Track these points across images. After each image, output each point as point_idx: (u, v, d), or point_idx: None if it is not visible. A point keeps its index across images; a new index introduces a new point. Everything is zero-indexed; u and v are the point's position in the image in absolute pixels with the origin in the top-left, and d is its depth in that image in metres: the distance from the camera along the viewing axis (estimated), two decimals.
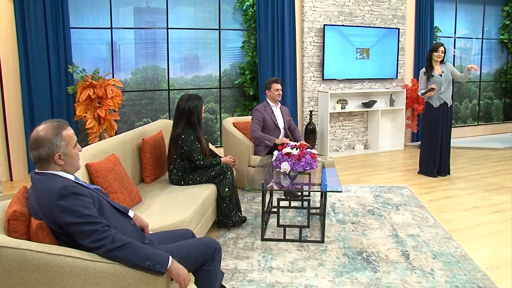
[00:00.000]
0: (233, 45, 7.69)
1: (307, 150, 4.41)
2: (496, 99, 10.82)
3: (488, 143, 9.32)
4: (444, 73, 6.29)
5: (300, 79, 8.00)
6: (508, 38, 10.59)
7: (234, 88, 7.77)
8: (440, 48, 6.23)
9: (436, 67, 6.31)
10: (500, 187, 6.00)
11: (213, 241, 2.65)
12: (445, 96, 6.30)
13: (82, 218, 2.16)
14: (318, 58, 8.00)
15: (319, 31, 7.94)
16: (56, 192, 2.17)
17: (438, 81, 6.24)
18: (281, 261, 3.76)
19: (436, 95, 6.29)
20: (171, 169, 4.38)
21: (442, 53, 6.22)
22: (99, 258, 2.19)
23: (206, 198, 4.02)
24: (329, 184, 4.10)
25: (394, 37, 8.54)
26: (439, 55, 6.22)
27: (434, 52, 6.27)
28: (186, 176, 4.35)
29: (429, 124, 6.38)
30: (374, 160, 7.75)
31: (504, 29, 10.60)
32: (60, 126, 2.30)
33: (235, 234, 4.33)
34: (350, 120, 8.58)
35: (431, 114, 6.36)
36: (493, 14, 10.48)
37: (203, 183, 4.35)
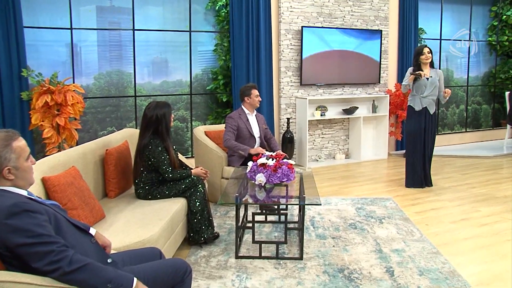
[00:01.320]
0: (204, 48, 7.70)
1: (284, 161, 4.43)
2: (485, 104, 11.04)
3: (477, 151, 9.49)
4: (432, 77, 6.39)
5: (277, 85, 8.05)
6: (497, 40, 10.84)
7: (206, 95, 7.77)
8: (425, 50, 6.35)
9: (425, 70, 6.41)
10: (490, 198, 6.11)
11: (183, 262, 2.64)
12: (427, 101, 6.40)
13: (35, 238, 2.09)
14: (295, 62, 8.06)
15: (297, 33, 8.01)
16: (5, 210, 2.11)
17: (422, 84, 6.34)
18: (257, 280, 3.76)
19: (418, 98, 6.39)
20: (138, 182, 4.35)
21: (428, 53, 6.34)
22: (55, 282, 2.12)
23: (175, 213, 4.01)
24: (308, 196, 4.12)
25: (376, 39, 8.68)
26: (427, 56, 6.34)
27: (420, 55, 6.37)
28: (154, 189, 4.33)
29: (412, 129, 6.46)
30: (356, 170, 7.82)
31: (492, 30, 10.84)
32: (9, 136, 2.26)
33: (207, 251, 4.31)
34: (330, 128, 8.65)
35: (413, 119, 6.44)
36: (480, 15, 10.71)
37: (172, 197, 4.34)
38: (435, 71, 6.46)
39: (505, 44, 10.88)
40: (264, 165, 4.35)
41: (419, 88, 6.36)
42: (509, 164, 8.34)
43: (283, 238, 4.58)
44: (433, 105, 6.42)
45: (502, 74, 10.94)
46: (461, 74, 10.62)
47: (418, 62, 6.39)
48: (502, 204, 5.83)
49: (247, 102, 5.80)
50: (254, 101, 5.79)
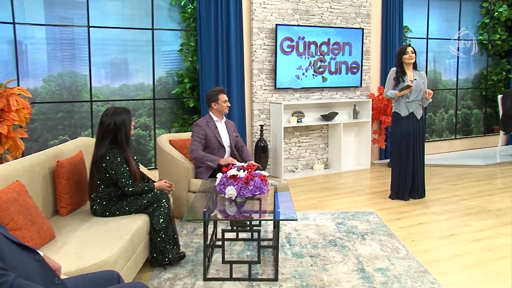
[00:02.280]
0: (169, 48, 7.69)
1: (257, 172, 4.44)
2: (476, 109, 11.24)
3: (468, 159, 9.65)
4: (417, 80, 6.49)
5: (249, 88, 8.08)
6: (488, 39, 11.06)
7: (170, 99, 7.75)
8: (409, 49, 6.45)
9: (408, 72, 6.51)
10: (482, 211, 6.21)
11: (145, 287, 2.62)
12: (413, 106, 6.50)
13: None
14: (269, 63, 8.10)
15: (271, 31, 8.06)
16: None
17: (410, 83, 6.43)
18: None
19: (404, 103, 6.48)
20: (93, 197, 4.31)
21: (412, 53, 6.45)
22: None
23: (136, 231, 3.98)
24: (283, 211, 4.12)
25: (357, 38, 8.78)
26: (410, 56, 6.44)
27: (403, 55, 6.47)
28: (112, 205, 4.30)
29: (398, 137, 6.55)
30: (336, 182, 7.87)
31: (483, 28, 11.06)
32: None
33: (172, 274, 4.29)
34: (307, 135, 8.70)
35: (399, 126, 6.53)
36: (470, 12, 10.93)
37: (132, 213, 4.31)
38: (419, 73, 6.57)
39: (497, 43, 11.10)
40: (235, 177, 4.36)
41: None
42: (503, 173, 8.50)
43: (256, 257, 4.56)
44: (420, 109, 6.53)
45: (494, 75, 11.17)
46: (450, 76, 10.80)
47: (401, 62, 6.49)
48: (495, 217, 5.93)
49: (215, 108, 5.82)
50: (222, 107, 5.81)
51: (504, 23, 11.14)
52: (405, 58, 6.46)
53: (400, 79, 6.46)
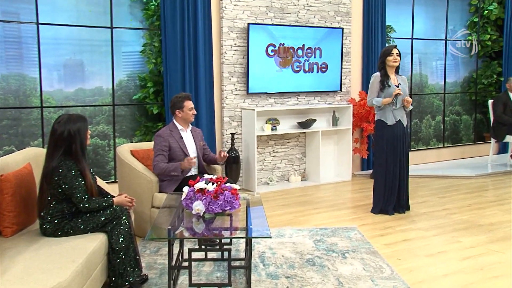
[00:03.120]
0: (130, 49, 7.66)
1: (227, 185, 4.44)
2: (465, 115, 11.38)
3: (457, 170, 9.75)
4: (402, 85, 6.56)
5: (219, 93, 8.07)
6: (478, 39, 11.21)
7: (132, 105, 7.71)
8: (394, 51, 6.51)
9: (391, 76, 6.56)
10: (472, 226, 6.26)
11: None
12: (400, 113, 6.56)
13: None
14: (241, 66, 8.11)
15: (242, 31, 8.07)
16: None
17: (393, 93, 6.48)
18: None
19: (390, 110, 6.52)
20: (44, 215, 4.25)
21: (397, 55, 6.50)
22: None
23: (92, 252, 3.94)
24: (256, 228, 4.13)
25: (337, 39, 8.83)
26: (395, 58, 6.49)
27: (387, 56, 6.52)
28: (65, 224, 4.24)
29: (383, 147, 6.60)
30: (314, 195, 7.89)
31: (472, 27, 11.22)
32: None
33: None
34: (283, 144, 8.71)
35: (384, 135, 6.58)
36: (458, 10, 11.10)
37: (89, 232, 4.26)
38: (401, 77, 6.64)
39: (488, 44, 11.27)
40: (203, 190, 4.34)
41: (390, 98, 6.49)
42: (495, 185, 8.61)
43: (226, 279, 4.54)
44: (405, 117, 6.60)
45: (485, 79, 11.32)
46: (437, 80, 10.93)
47: (384, 64, 6.54)
48: (487, 233, 5.98)
49: (179, 116, 5.81)
50: (187, 115, 5.80)
51: (495, 22, 11.32)
52: (389, 60, 6.51)
53: (385, 83, 6.51)
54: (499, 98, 9.75)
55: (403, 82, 6.60)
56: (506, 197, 7.68)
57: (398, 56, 6.53)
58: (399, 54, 6.56)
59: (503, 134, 9.67)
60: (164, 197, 5.46)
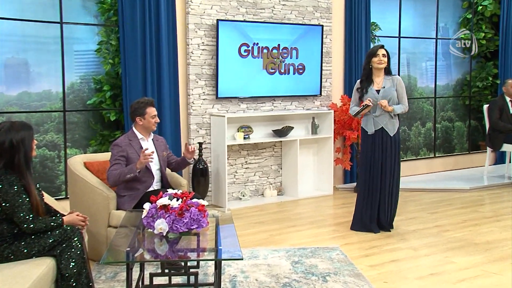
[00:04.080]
0: (84, 48, 7.62)
1: (194, 201, 4.41)
2: (458, 121, 11.47)
3: (449, 182, 9.83)
4: (385, 88, 6.56)
5: (184, 98, 8.04)
6: (471, 38, 11.30)
7: (86, 111, 7.66)
8: (380, 51, 6.52)
9: (376, 79, 6.57)
10: (467, 244, 6.29)
11: None
12: (383, 120, 6.56)
13: None
14: (210, 67, 8.10)
15: (211, 28, 8.06)
16: None
17: (372, 99, 6.48)
18: None
19: (371, 118, 6.53)
20: None
21: (384, 56, 6.52)
22: None
23: (38, 280, 3.88)
24: (226, 248, 4.12)
25: (316, 37, 8.86)
26: (380, 60, 6.50)
27: (372, 57, 6.54)
28: (5, 248, 4.18)
29: (363, 158, 6.64)
30: (292, 211, 7.89)
31: (465, 24, 11.33)
32: None
33: None
34: (257, 155, 8.71)
35: (365, 145, 6.62)
36: (450, 6, 11.24)
37: (33, 257, 4.21)
38: (391, 78, 6.64)
39: (482, 43, 11.38)
40: (166, 207, 4.32)
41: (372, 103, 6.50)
42: (491, 198, 8.69)
43: None
44: (393, 124, 6.59)
45: (479, 81, 11.44)
46: (426, 82, 11.02)
47: (369, 66, 6.56)
48: (483, 252, 6.02)
49: (140, 124, 5.78)
50: (149, 123, 5.76)
51: (490, 19, 11.45)
52: (374, 61, 6.53)
53: (365, 90, 6.52)
54: (495, 103, 9.83)
55: (391, 84, 6.57)
56: (504, 212, 7.74)
57: (385, 57, 6.54)
58: (387, 54, 6.56)
59: (499, 142, 9.73)
60: (122, 215, 5.40)
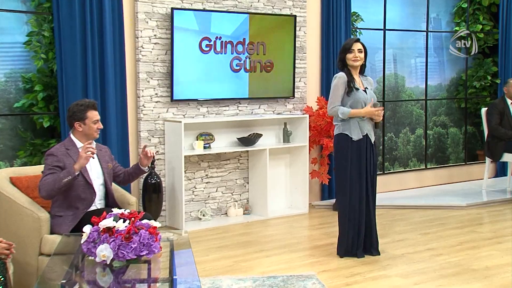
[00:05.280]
0: (10, 40, 7.60)
1: (144, 222, 4.38)
2: (453, 127, 11.57)
3: (443, 198, 9.92)
4: (369, 89, 6.62)
5: (133, 100, 8.01)
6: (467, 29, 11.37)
7: (13, 116, 7.64)
8: (355, 46, 6.51)
9: (356, 79, 6.59)
10: (464, 271, 6.33)
11: None
12: (368, 126, 6.59)
13: None
14: (163, 64, 8.08)
15: (165, 18, 8.04)
16: None
17: (360, 99, 6.51)
18: None
19: (356, 121, 6.53)
20: None
21: (360, 52, 6.52)
22: None
23: None
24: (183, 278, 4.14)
25: (288, 29, 8.88)
26: (355, 56, 6.50)
27: (346, 53, 6.53)
28: None
29: (347, 169, 6.58)
30: (260, 233, 7.90)
31: (460, 15, 11.42)
32: None
33: None
34: (219, 167, 8.70)
35: (349, 153, 6.56)
36: None
37: None
38: (366, 79, 6.68)
39: (480, 37, 11.47)
40: (111, 230, 4.27)
41: (356, 105, 6.51)
42: (491, 217, 8.78)
43: None
44: (373, 129, 6.67)
45: (476, 81, 11.53)
46: (416, 82, 11.10)
47: (344, 63, 6.54)
48: (482, 280, 6.06)
49: (79, 130, 5.72)
50: (90, 129, 5.70)
51: (488, 9, 11.58)
52: (348, 58, 6.51)
53: (353, 86, 6.51)
54: (494, 106, 9.91)
55: (369, 85, 6.63)
56: (505, 233, 7.79)
57: (361, 53, 6.54)
58: (364, 50, 6.56)
59: (500, 151, 9.81)
60: (57, 240, 5.34)
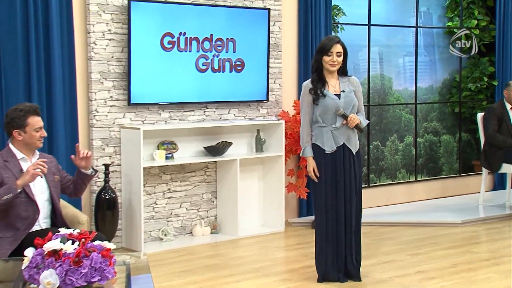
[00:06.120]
0: None
1: (96, 243, 4.32)
2: (446, 134, 11.59)
3: (435, 214, 9.96)
4: (346, 92, 6.54)
5: (84, 104, 7.97)
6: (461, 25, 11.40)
7: None
8: (335, 48, 6.46)
9: (331, 81, 6.54)
10: None
11: None
12: (344, 134, 6.54)
13: None
14: (119, 63, 8.05)
15: (121, 11, 8.01)
16: None
17: (331, 106, 6.47)
18: None
19: (328, 130, 6.49)
20: None
21: (338, 56, 6.47)
22: None
23: None
24: None
25: (261, 24, 8.88)
26: (333, 61, 6.44)
27: (323, 55, 6.48)
28: None
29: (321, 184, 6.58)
30: (230, 255, 7.89)
31: (452, 9, 11.46)
32: None
33: None
34: (183, 180, 8.68)
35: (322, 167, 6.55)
36: None
37: None
38: (348, 80, 6.62)
39: (475, 34, 11.50)
40: (57, 253, 4.21)
41: (327, 113, 6.48)
42: (489, 235, 8.82)
43: None
44: (355, 137, 6.60)
45: (472, 83, 11.56)
46: (405, 84, 11.11)
47: (319, 65, 6.49)
48: None
49: (19, 139, 5.68)
50: (32, 137, 5.66)
51: (484, 3, 11.64)
52: (326, 61, 6.44)
53: (319, 92, 6.45)
54: (492, 111, 9.93)
55: (349, 86, 6.56)
56: (504, 253, 7.80)
57: (340, 56, 6.47)
58: (344, 53, 6.51)
59: (498, 161, 9.83)
60: None
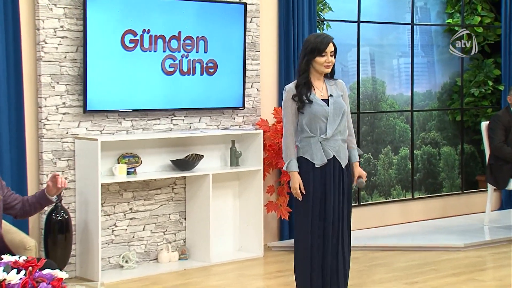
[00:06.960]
0: None
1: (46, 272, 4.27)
2: (446, 146, 11.57)
3: (435, 236, 9.96)
4: (334, 97, 6.49)
5: (33, 112, 7.94)
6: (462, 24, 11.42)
7: None
8: (329, 48, 6.42)
9: (316, 83, 6.48)
10: None
11: None
12: (334, 146, 6.49)
13: None
14: (73, 65, 8.01)
15: (75, 5, 7.98)
16: None
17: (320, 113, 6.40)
18: None
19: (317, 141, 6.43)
20: None
21: (332, 56, 6.43)
22: None
23: None
24: None
25: (236, 21, 8.88)
26: (328, 61, 6.40)
27: (317, 56, 6.42)
28: None
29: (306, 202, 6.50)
30: (201, 284, 7.88)
31: (453, 5, 11.46)
32: None
33: None
34: (147, 198, 8.64)
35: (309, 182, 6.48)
36: None
37: None
38: (335, 83, 6.58)
39: (478, 32, 11.50)
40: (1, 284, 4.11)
41: (315, 121, 6.43)
42: (495, 261, 8.81)
43: None
44: (344, 150, 6.55)
45: (475, 87, 11.54)
46: (400, 89, 11.10)
47: (309, 67, 6.43)
48: None
49: None
50: None
51: None
52: (319, 62, 6.39)
53: (305, 97, 6.39)
54: (497, 119, 9.92)
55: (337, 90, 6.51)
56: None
57: (333, 56, 6.47)
58: (335, 52, 6.47)
59: (505, 177, 9.82)
60: None
